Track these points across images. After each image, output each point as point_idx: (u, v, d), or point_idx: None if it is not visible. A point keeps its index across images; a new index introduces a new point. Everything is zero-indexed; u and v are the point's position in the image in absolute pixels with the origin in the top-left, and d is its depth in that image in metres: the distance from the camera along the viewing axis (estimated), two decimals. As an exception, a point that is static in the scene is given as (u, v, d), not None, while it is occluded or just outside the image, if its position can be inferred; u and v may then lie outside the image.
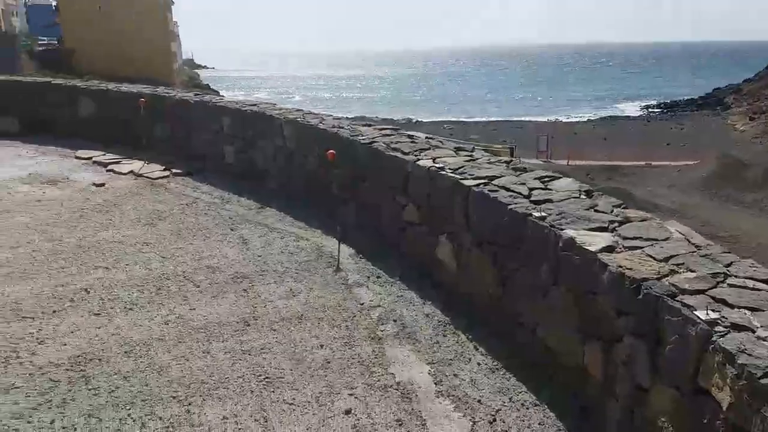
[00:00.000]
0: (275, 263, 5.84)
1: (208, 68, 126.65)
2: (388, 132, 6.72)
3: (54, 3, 75.20)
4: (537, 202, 4.28)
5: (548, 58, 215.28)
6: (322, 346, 4.37)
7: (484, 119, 57.14)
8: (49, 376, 4.00)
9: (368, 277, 5.52)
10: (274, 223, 7.04)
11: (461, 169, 5.08)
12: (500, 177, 4.82)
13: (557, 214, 4.01)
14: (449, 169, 5.12)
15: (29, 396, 3.80)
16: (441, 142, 6.14)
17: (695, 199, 27.19)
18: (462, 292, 4.93)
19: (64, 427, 3.51)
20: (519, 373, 4.03)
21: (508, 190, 4.52)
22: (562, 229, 3.78)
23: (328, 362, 4.16)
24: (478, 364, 4.17)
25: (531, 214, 4.06)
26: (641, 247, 3.43)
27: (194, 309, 4.91)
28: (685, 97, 76.82)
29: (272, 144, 8.32)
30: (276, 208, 7.54)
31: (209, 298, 5.11)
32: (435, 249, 5.26)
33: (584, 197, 4.34)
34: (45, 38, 68.08)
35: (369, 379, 3.97)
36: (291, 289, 5.28)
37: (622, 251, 3.41)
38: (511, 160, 5.34)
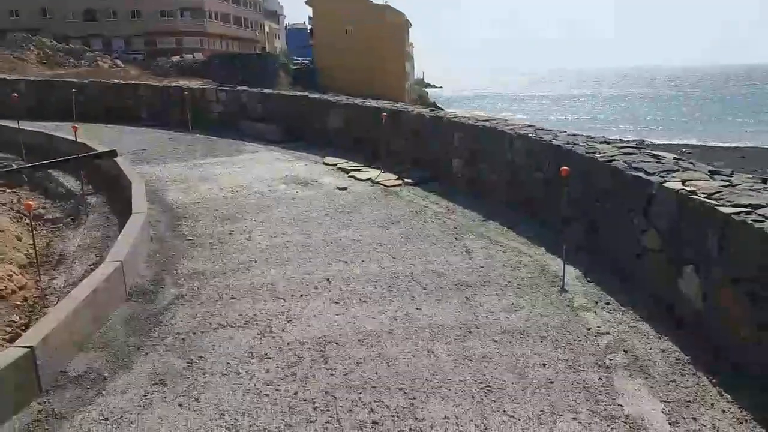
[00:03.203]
0: (497, 276, 5.86)
1: (436, 87, 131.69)
2: (629, 150, 6.32)
3: (309, 27, 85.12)
4: (816, 238, 3.67)
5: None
6: (544, 365, 4.26)
7: (733, 145, 50.30)
8: (295, 352, 4.52)
9: (596, 302, 5.25)
10: (496, 236, 7.08)
11: (717, 195, 4.57)
12: (766, 206, 4.24)
13: None
14: (702, 193, 4.64)
15: (279, 366, 4.33)
16: (692, 163, 5.60)
17: None
18: (706, 331, 4.43)
19: (304, 400, 3.92)
20: (776, 431, 3.50)
21: (776, 221, 3.96)
22: None
23: (551, 382, 4.05)
24: (723, 411, 3.71)
25: (808, 251, 3.50)
26: None
27: (420, 309, 5.16)
28: None
29: (500, 158, 8.37)
30: (499, 221, 7.57)
31: (434, 301, 5.32)
32: (677, 280, 4.81)
33: None
34: (299, 58, 77.11)
35: (594, 407, 3.77)
36: (513, 304, 5.25)
37: None
38: (781, 189, 4.65)
